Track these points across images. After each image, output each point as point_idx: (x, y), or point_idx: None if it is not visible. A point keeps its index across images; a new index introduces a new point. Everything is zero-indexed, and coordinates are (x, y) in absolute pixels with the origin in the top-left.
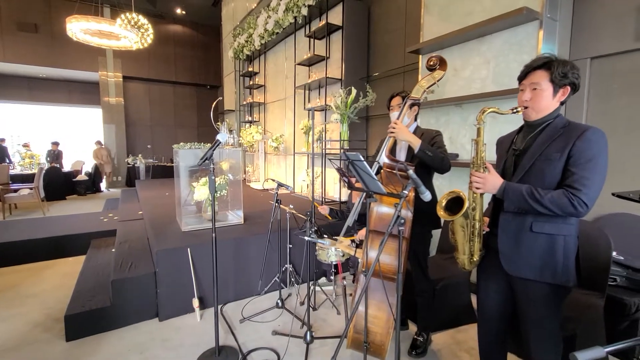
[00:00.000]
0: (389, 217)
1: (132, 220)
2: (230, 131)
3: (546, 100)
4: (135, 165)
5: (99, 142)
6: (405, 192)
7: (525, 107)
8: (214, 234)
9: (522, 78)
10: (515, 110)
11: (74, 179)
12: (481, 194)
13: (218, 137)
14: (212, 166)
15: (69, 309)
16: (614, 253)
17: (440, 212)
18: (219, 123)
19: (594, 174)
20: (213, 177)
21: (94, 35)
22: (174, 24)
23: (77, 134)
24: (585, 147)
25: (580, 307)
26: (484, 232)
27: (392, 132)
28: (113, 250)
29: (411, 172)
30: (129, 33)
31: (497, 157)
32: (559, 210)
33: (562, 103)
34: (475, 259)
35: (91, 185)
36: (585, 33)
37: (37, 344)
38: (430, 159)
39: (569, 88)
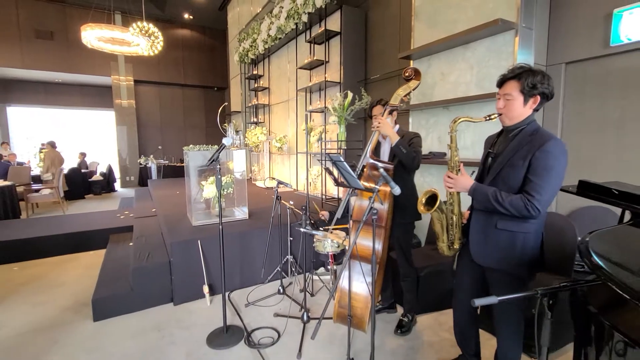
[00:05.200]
0: None
1: (146, 217)
2: (237, 132)
3: (517, 108)
4: (147, 165)
5: (51, 144)
6: (377, 186)
7: (500, 114)
8: (220, 226)
9: (499, 86)
10: (488, 118)
11: (90, 180)
12: (457, 192)
13: (223, 140)
14: (218, 167)
15: (95, 293)
16: None
17: (420, 208)
18: (225, 124)
19: (548, 183)
20: (220, 177)
21: (107, 42)
22: (182, 28)
23: (91, 136)
24: (543, 157)
25: None
26: (463, 224)
27: (377, 127)
28: (131, 244)
29: (382, 170)
30: (141, 40)
31: (483, 155)
32: (516, 212)
33: (536, 110)
34: (455, 247)
35: (106, 185)
36: (560, 40)
37: (69, 324)
38: (403, 155)
39: (539, 97)
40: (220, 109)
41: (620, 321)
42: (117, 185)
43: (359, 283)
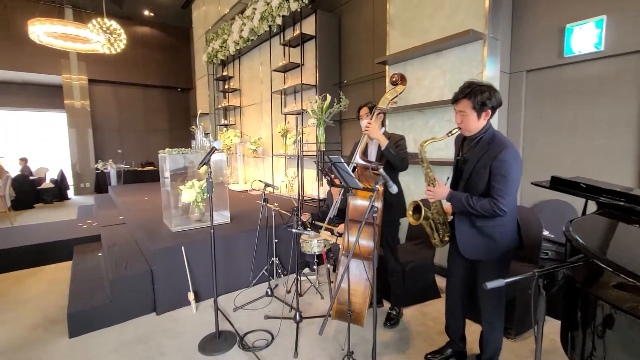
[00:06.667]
0: (363, 208)
1: (114, 225)
2: (206, 134)
3: (473, 122)
4: (105, 170)
5: None
6: (377, 186)
7: (460, 128)
8: (212, 231)
9: (453, 103)
10: (450, 134)
11: (39, 187)
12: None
13: (214, 143)
14: (209, 170)
15: (70, 307)
16: (547, 232)
17: (410, 220)
18: (193, 127)
19: (508, 187)
20: (211, 180)
21: (58, 38)
22: (142, 26)
23: (39, 140)
24: (499, 165)
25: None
26: (450, 220)
27: (367, 131)
28: (99, 254)
29: (381, 170)
30: (101, 38)
31: (454, 157)
32: (487, 214)
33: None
34: (446, 239)
35: (58, 192)
36: (521, 50)
37: (40, 343)
38: (393, 157)
39: (490, 110)
40: (199, 112)
41: (602, 291)
42: (71, 192)
43: (356, 279)
